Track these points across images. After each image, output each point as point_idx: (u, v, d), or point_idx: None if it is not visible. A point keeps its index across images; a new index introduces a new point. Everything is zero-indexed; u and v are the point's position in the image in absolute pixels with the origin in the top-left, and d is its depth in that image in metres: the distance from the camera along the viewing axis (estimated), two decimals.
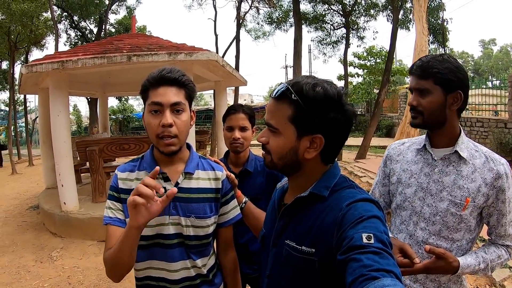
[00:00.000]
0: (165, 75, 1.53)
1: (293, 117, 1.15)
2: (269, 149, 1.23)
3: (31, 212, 8.60)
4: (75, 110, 39.19)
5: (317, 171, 1.24)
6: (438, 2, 15.13)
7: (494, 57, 60.06)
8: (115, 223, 1.59)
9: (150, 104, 1.54)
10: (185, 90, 1.58)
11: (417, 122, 1.72)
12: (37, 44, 19.74)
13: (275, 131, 1.20)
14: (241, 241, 2.36)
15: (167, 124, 1.51)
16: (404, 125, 5.73)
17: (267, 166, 1.27)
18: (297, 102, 1.13)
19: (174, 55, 6.26)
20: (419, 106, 1.68)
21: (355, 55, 24.66)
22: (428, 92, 1.65)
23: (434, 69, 1.62)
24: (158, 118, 1.53)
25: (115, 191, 1.65)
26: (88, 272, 5.25)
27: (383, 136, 22.72)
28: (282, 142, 1.19)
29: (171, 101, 1.52)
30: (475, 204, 1.64)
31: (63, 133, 6.73)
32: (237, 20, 19.79)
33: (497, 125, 12.26)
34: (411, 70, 1.72)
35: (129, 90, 12.61)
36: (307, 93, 1.12)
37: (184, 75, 1.59)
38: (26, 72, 6.28)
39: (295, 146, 1.18)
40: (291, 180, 1.33)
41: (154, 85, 1.54)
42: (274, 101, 1.20)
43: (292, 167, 1.23)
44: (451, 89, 1.63)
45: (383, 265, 0.90)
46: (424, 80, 1.65)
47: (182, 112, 1.56)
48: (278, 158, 1.22)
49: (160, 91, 1.53)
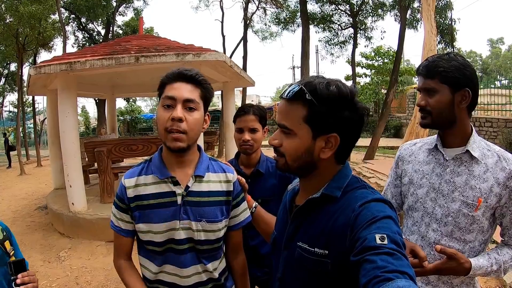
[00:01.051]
0: (183, 71, 1.55)
1: (308, 117, 1.14)
2: (283, 152, 1.21)
3: (40, 213, 8.65)
4: (83, 111, 39.47)
5: (330, 172, 1.23)
6: (446, 2, 15.02)
7: (502, 56, 59.53)
8: (118, 232, 1.66)
9: (163, 98, 1.54)
10: (200, 89, 1.57)
11: (426, 122, 1.70)
12: (45, 46, 19.89)
13: (289, 132, 1.18)
14: (252, 243, 2.34)
15: (177, 117, 1.48)
16: (413, 126, 5.67)
17: (280, 169, 1.25)
18: (311, 102, 1.12)
19: (182, 55, 6.25)
20: (427, 106, 1.66)
21: (363, 55, 24.60)
22: (435, 91, 1.63)
23: (439, 68, 1.60)
24: (169, 112, 1.51)
25: (121, 201, 1.64)
26: (96, 273, 5.26)
27: (391, 137, 22.66)
28: (297, 144, 1.17)
29: (184, 96, 1.51)
30: (488, 204, 1.61)
31: (71, 134, 6.76)
32: (244, 21, 19.81)
33: (506, 125, 12.13)
34: (418, 70, 1.71)
35: (137, 91, 12.68)
36: (321, 92, 1.11)
37: (202, 75, 1.59)
38: (35, 73, 6.31)
39: (311, 147, 1.17)
40: (303, 182, 1.31)
41: (171, 80, 1.55)
42: (286, 102, 1.18)
43: (306, 169, 1.22)
44: (458, 86, 1.60)
45: (397, 266, 0.89)
46: (430, 79, 1.63)
47: (194, 110, 1.54)
48: (293, 160, 1.20)
49: (175, 86, 1.53)
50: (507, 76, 18.41)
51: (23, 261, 1.67)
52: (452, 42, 15.65)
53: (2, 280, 1.72)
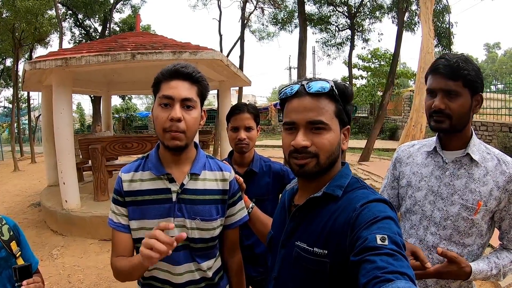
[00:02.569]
0: (179, 69, 1.51)
1: (337, 112, 1.20)
2: (316, 151, 1.18)
3: (33, 210, 8.59)
4: (78, 109, 39.20)
5: (334, 171, 1.24)
6: (444, 5, 15.07)
7: (498, 61, 60.00)
8: (119, 229, 1.62)
9: (160, 97, 1.50)
10: (198, 87, 1.55)
11: (444, 126, 1.61)
12: (41, 41, 19.76)
13: (324, 127, 1.17)
14: (247, 243, 2.31)
15: (176, 118, 1.46)
16: (410, 128, 5.65)
17: (309, 172, 1.20)
18: (336, 98, 1.20)
19: (179, 53, 6.23)
20: (446, 109, 1.58)
21: (360, 57, 24.63)
22: (458, 95, 1.57)
23: (464, 71, 1.54)
24: (168, 111, 1.48)
25: (119, 195, 1.62)
26: (89, 271, 5.22)
27: (387, 139, 22.71)
28: (333, 137, 1.19)
29: (182, 95, 1.48)
30: (487, 208, 1.59)
31: (65, 130, 6.71)
32: (242, 20, 19.74)
33: (502, 129, 12.23)
34: (437, 69, 1.61)
35: (133, 89, 12.63)
36: (344, 89, 1.21)
37: (199, 72, 1.56)
38: (30, 68, 6.28)
39: (340, 140, 1.22)
40: (307, 182, 1.28)
41: (167, 78, 1.51)
42: (312, 98, 1.18)
43: (331, 165, 1.22)
44: (476, 91, 1.59)
45: (397, 267, 0.89)
46: (453, 81, 1.56)
47: (192, 108, 1.52)
48: (327, 156, 1.19)
49: (172, 85, 1.50)
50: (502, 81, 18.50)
51: (29, 266, 1.63)
52: (449, 45, 15.69)
53: (7, 283, 1.67)
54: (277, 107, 30.24)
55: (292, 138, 1.20)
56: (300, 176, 1.26)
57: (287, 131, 1.23)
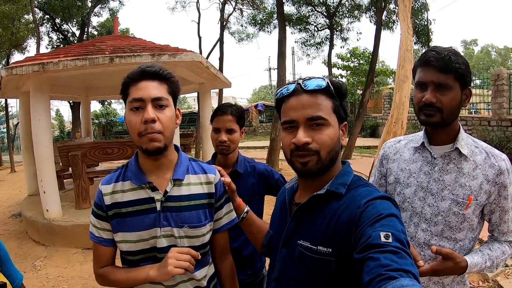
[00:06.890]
0: (145, 69, 1.46)
1: (334, 108, 1.21)
2: (317, 147, 1.17)
3: (14, 220, 8.38)
4: (57, 115, 38.61)
5: (335, 169, 1.25)
6: (422, 3, 15.30)
7: (475, 57, 61.14)
8: (101, 243, 1.57)
9: (130, 101, 1.44)
10: (167, 85, 1.50)
11: (434, 120, 1.59)
12: (19, 47, 19.44)
13: (323, 123, 1.18)
14: (234, 245, 2.26)
15: (150, 118, 1.40)
16: (391, 125, 5.69)
17: (311, 170, 1.19)
18: (332, 94, 1.21)
19: (158, 56, 6.14)
20: (437, 103, 1.56)
21: (339, 57, 24.82)
22: (450, 89, 1.55)
23: (456, 64, 1.52)
24: (140, 114, 1.42)
25: (100, 209, 1.55)
26: (73, 281, 5.11)
27: (368, 137, 22.97)
28: (332, 133, 1.19)
29: (152, 95, 1.43)
30: (478, 202, 1.60)
31: (44, 138, 6.56)
32: (221, 22, 19.68)
33: (481, 123, 12.54)
34: (428, 61, 1.57)
35: (112, 94, 12.48)
36: (339, 86, 1.23)
37: (166, 69, 1.51)
38: (6, 74, 6.12)
39: (339, 136, 1.23)
40: (308, 181, 1.27)
41: (135, 80, 1.46)
42: (309, 96, 1.19)
43: (333, 161, 1.22)
44: (466, 85, 1.58)
45: (401, 265, 0.89)
46: (445, 74, 1.54)
47: (165, 107, 1.46)
48: (327, 152, 1.18)
49: (141, 86, 1.44)
50: (480, 77, 18.88)
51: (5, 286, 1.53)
52: (428, 42, 15.94)
53: None
54: (257, 108, 30.24)
55: (292, 136, 1.19)
56: (303, 175, 1.25)
57: (287, 130, 1.22)
